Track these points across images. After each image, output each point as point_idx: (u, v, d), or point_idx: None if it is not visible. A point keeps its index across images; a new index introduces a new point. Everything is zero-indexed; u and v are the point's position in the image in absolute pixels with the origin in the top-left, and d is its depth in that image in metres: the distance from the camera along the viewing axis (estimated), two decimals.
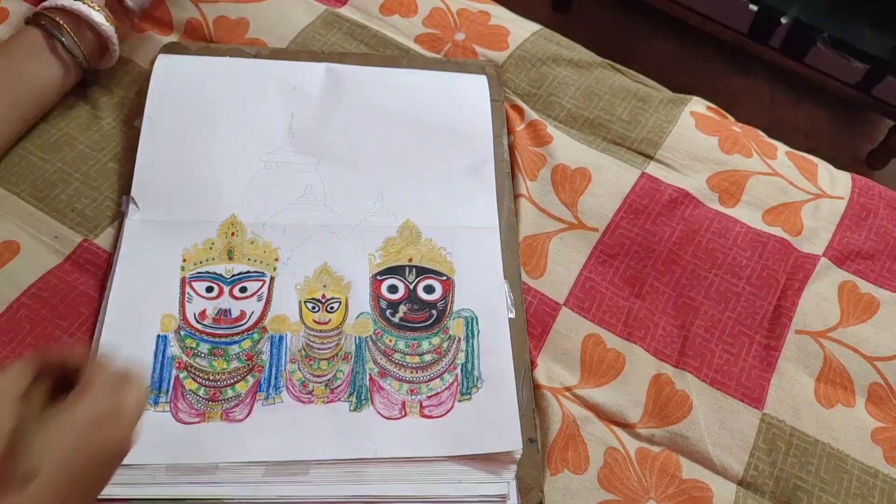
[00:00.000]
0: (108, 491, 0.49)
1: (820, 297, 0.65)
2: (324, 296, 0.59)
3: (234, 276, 0.59)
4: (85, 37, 0.64)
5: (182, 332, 0.56)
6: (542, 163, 0.69)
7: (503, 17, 0.80)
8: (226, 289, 0.59)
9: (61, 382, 0.39)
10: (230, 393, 0.55)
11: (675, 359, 0.61)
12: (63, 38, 0.62)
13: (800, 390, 0.61)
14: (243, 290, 0.59)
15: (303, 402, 0.54)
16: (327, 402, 0.55)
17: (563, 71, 0.76)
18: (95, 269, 0.59)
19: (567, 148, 0.70)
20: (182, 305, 0.57)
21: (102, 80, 0.69)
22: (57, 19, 0.62)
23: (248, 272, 0.60)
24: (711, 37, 1.60)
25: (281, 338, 0.57)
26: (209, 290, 0.59)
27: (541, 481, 0.54)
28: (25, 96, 0.62)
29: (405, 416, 0.55)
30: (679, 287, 0.64)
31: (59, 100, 0.66)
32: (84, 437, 0.37)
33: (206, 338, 0.56)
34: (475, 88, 0.72)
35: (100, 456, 0.38)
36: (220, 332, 0.57)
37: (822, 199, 0.71)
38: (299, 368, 0.56)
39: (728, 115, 0.78)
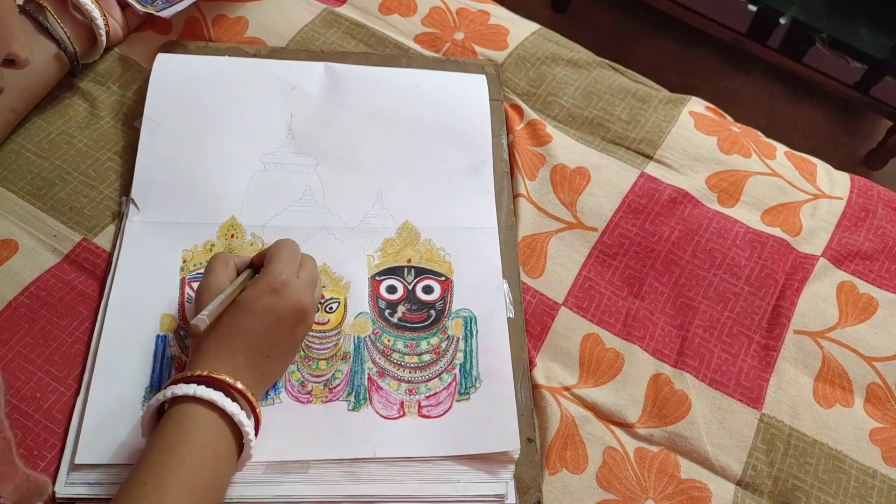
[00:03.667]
0: (110, 490, 0.50)
1: (819, 298, 0.66)
2: (323, 296, 0.59)
3: None
4: (69, 19, 0.64)
5: (182, 333, 0.56)
6: (541, 162, 0.69)
7: (502, 16, 0.80)
8: None
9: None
10: None
11: (673, 359, 0.61)
12: (47, 22, 0.62)
13: (798, 390, 0.61)
14: None
15: (301, 402, 0.54)
16: (326, 402, 0.55)
17: (563, 70, 0.76)
18: (94, 268, 0.59)
19: (566, 148, 0.70)
20: (182, 306, 0.57)
21: (101, 79, 0.69)
22: (41, 2, 0.62)
23: None
24: (711, 37, 1.60)
25: None
26: None
27: (539, 481, 0.54)
28: (12, 84, 0.61)
29: (403, 415, 0.55)
30: (678, 287, 0.64)
31: (50, 91, 0.66)
32: (264, 301, 0.50)
33: None
34: (474, 88, 0.72)
35: (278, 314, 0.50)
36: None
37: (821, 199, 0.71)
38: (298, 368, 0.56)
39: (727, 115, 0.78)
